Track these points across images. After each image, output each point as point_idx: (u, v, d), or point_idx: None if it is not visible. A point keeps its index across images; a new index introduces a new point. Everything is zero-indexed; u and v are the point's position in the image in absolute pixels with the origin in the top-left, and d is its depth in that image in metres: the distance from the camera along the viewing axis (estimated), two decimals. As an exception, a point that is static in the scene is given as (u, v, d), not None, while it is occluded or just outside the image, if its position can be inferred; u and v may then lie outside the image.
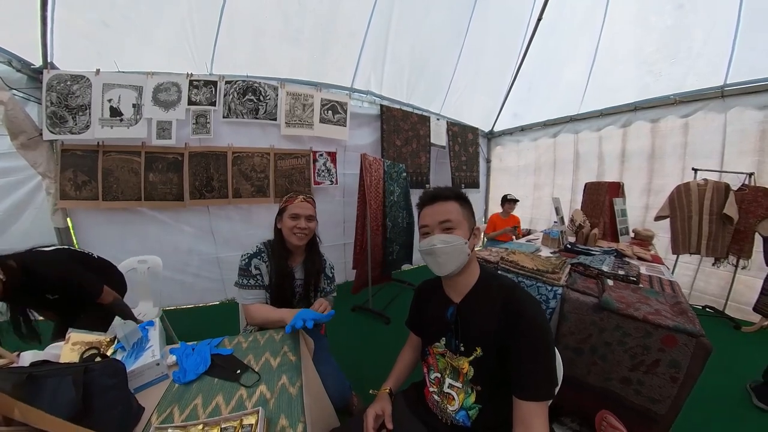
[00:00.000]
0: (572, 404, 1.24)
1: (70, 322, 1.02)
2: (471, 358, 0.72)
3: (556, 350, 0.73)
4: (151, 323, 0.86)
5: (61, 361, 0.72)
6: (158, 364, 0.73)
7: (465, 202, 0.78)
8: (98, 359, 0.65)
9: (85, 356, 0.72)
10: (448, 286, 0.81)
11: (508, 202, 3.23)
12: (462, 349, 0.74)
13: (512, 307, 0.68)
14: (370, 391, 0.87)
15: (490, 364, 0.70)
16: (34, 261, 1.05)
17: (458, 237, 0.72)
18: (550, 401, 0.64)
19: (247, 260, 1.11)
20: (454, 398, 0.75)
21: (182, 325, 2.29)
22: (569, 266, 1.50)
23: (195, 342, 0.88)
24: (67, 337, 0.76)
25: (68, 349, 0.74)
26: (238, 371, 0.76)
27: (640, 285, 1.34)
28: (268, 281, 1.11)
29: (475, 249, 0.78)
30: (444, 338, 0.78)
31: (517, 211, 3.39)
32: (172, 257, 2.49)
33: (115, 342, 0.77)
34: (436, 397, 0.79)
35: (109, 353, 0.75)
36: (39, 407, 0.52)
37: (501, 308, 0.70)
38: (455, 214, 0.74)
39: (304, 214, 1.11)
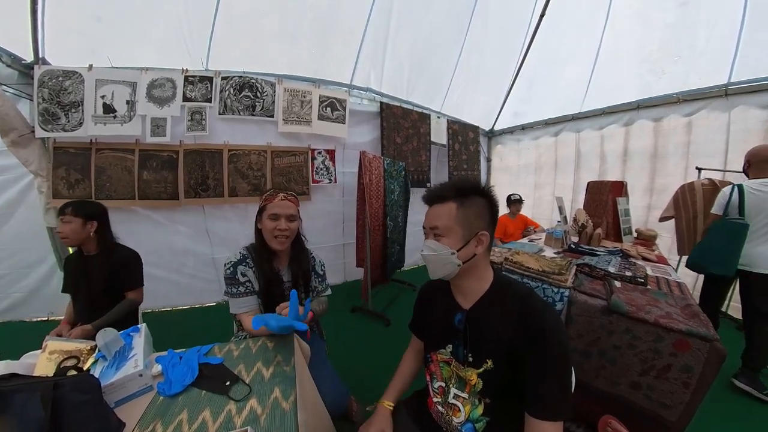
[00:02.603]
0: (578, 409, 1.19)
1: (90, 309, 1.24)
2: (480, 370, 0.67)
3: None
4: (136, 329, 0.81)
5: (36, 372, 0.67)
6: (141, 375, 0.68)
7: (467, 202, 0.68)
8: (72, 372, 0.60)
9: (61, 366, 0.67)
10: (457, 291, 0.75)
11: (513, 203, 3.17)
12: (470, 359, 0.68)
13: (531, 320, 0.62)
14: (369, 409, 0.82)
15: (501, 377, 0.64)
16: (119, 243, 1.38)
17: (444, 246, 0.67)
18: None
19: (231, 268, 1.03)
20: (459, 409, 0.70)
21: (177, 327, 2.25)
22: (575, 267, 1.46)
23: (183, 350, 0.83)
24: (43, 345, 0.71)
25: (45, 359, 0.69)
26: (228, 383, 0.71)
27: (648, 287, 1.30)
28: (258, 287, 1.05)
29: (484, 253, 0.70)
30: (450, 345, 0.73)
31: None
32: (168, 258, 2.45)
33: (96, 351, 0.72)
34: (440, 407, 0.74)
35: (89, 363, 0.70)
36: (7, 426, 0.48)
37: (517, 319, 0.64)
38: (445, 220, 0.68)
39: (284, 214, 1.02)
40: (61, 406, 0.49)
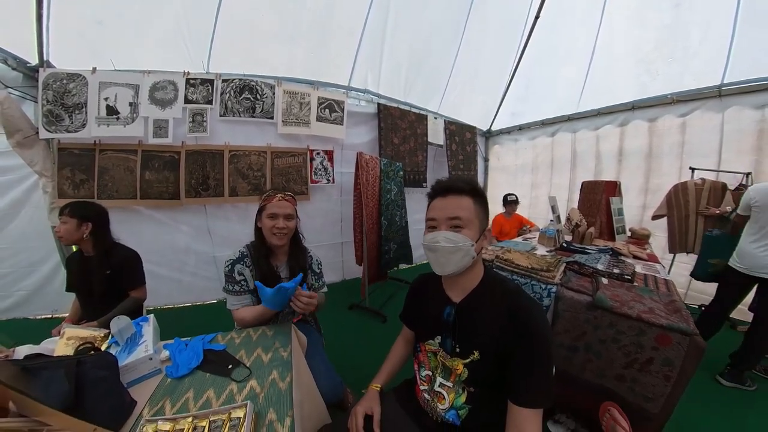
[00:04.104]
0: (567, 401, 1.24)
1: (94, 308, 1.27)
2: (467, 360, 0.70)
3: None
4: (145, 319, 0.86)
5: (56, 355, 0.72)
6: (151, 359, 0.74)
7: (480, 199, 0.72)
8: (91, 353, 0.65)
9: (79, 350, 0.72)
10: (448, 285, 0.78)
11: (510, 203, 3.24)
12: (458, 350, 0.72)
13: (520, 317, 0.65)
14: (363, 391, 0.87)
15: (487, 368, 0.68)
16: (118, 243, 1.39)
17: (465, 237, 0.67)
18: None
19: (230, 266, 1.09)
20: (444, 397, 0.74)
21: (180, 323, 2.30)
22: (564, 264, 1.51)
23: (189, 338, 0.89)
24: (62, 332, 0.77)
25: (63, 344, 0.74)
26: (230, 366, 0.77)
27: (635, 283, 1.34)
28: (254, 285, 1.09)
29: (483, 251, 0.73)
30: (439, 337, 0.76)
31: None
32: (170, 257, 2.50)
33: (109, 337, 0.77)
34: (426, 395, 0.79)
35: (102, 348, 0.75)
36: (36, 399, 0.52)
37: (506, 314, 0.67)
38: (466, 212, 0.69)
39: (282, 214, 1.09)
40: (82, 381, 0.54)
